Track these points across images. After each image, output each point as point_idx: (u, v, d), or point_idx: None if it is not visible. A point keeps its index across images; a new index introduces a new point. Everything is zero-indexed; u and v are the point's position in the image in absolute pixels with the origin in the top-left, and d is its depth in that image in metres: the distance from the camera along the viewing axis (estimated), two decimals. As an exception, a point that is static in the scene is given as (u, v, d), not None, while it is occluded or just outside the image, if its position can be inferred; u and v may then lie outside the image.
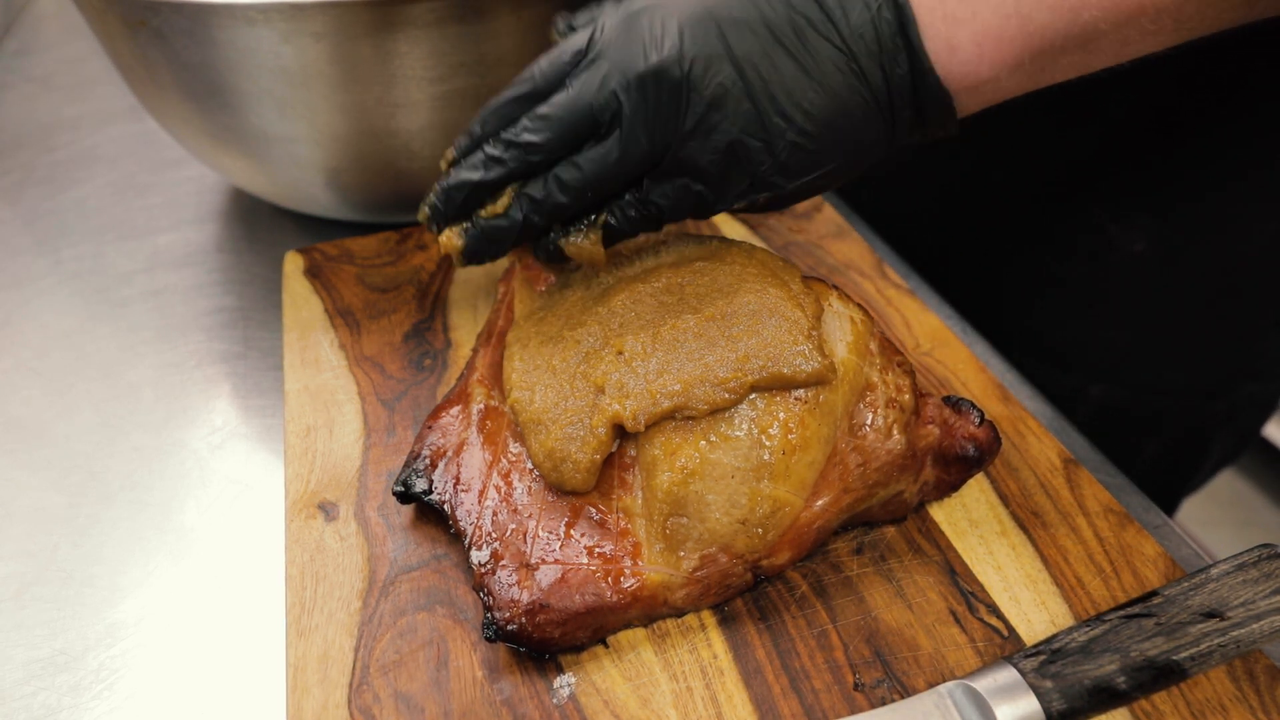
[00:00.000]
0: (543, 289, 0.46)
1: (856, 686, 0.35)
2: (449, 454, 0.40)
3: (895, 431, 0.38)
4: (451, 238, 0.39)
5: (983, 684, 0.33)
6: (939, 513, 0.41)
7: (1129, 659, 0.32)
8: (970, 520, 0.41)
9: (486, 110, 0.39)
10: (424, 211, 0.40)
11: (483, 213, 0.39)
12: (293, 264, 0.56)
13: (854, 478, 0.37)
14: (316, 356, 0.50)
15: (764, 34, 0.35)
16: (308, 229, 0.65)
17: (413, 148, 0.55)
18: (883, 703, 0.34)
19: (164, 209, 0.69)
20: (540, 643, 0.34)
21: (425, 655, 0.36)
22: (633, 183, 0.38)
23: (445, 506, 0.39)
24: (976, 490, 0.42)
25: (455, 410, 0.42)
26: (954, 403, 0.41)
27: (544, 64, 0.38)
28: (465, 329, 0.52)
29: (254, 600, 0.41)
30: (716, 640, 0.36)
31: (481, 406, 0.41)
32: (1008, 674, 0.33)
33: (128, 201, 0.70)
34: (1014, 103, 0.39)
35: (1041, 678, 0.32)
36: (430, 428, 0.42)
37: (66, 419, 0.50)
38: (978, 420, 0.40)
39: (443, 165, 0.40)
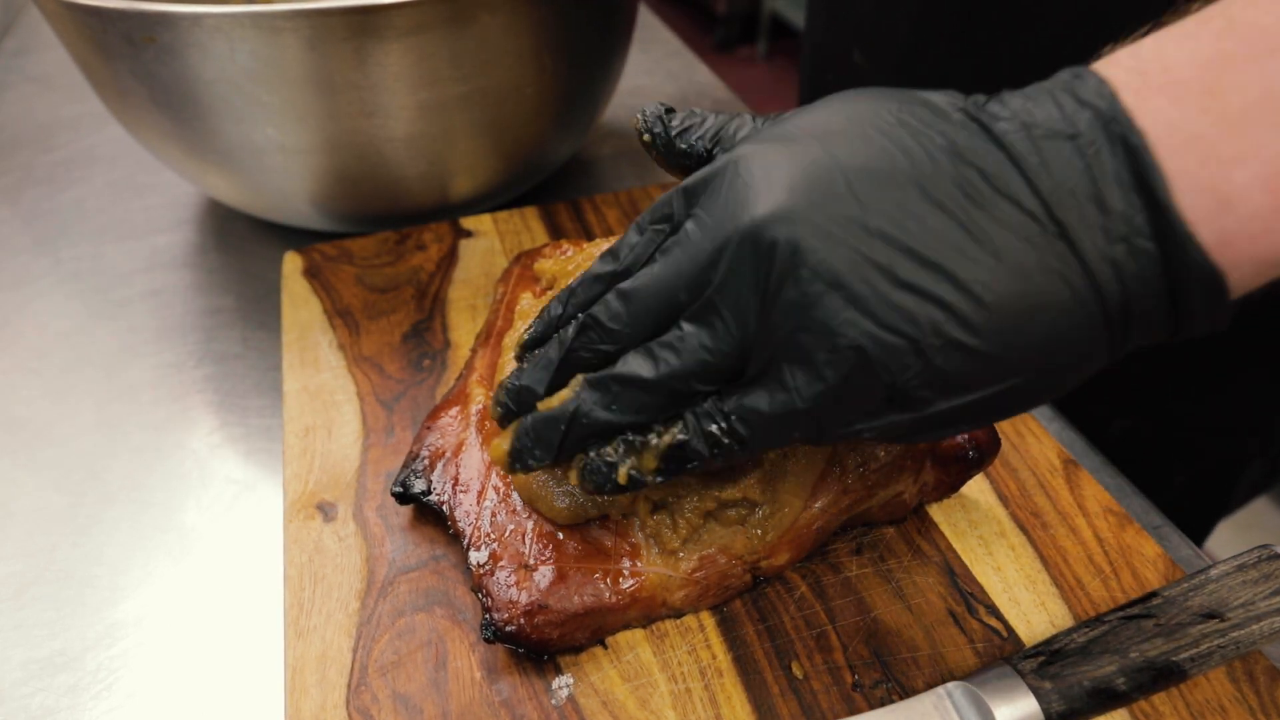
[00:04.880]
0: (541, 291, 0.46)
1: (855, 687, 0.35)
2: (447, 455, 0.40)
3: (894, 432, 0.38)
4: (500, 442, 0.32)
5: (982, 685, 0.33)
6: (938, 513, 0.41)
7: (1128, 660, 0.32)
8: (970, 521, 0.41)
9: (567, 290, 0.32)
10: (496, 411, 0.33)
11: (540, 405, 0.31)
12: (291, 264, 0.56)
13: (853, 479, 0.37)
14: (315, 357, 0.50)
15: (913, 193, 0.26)
16: (305, 230, 0.65)
17: (397, 157, 0.55)
18: (882, 703, 0.34)
19: (163, 209, 0.69)
20: (538, 643, 0.34)
21: (424, 656, 0.36)
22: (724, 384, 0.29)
23: (444, 507, 0.39)
24: (976, 491, 0.42)
25: (454, 411, 0.42)
26: (953, 403, 0.41)
27: (632, 235, 0.31)
28: (464, 329, 0.52)
29: (253, 600, 0.41)
30: (715, 641, 0.36)
31: (480, 407, 0.41)
32: (1007, 675, 0.33)
33: (127, 201, 0.70)
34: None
35: (1041, 678, 0.32)
36: (429, 428, 0.42)
37: (66, 419, 0.50)
38: (977, 421, 0.40)
39: (514, 351, 0.34)
